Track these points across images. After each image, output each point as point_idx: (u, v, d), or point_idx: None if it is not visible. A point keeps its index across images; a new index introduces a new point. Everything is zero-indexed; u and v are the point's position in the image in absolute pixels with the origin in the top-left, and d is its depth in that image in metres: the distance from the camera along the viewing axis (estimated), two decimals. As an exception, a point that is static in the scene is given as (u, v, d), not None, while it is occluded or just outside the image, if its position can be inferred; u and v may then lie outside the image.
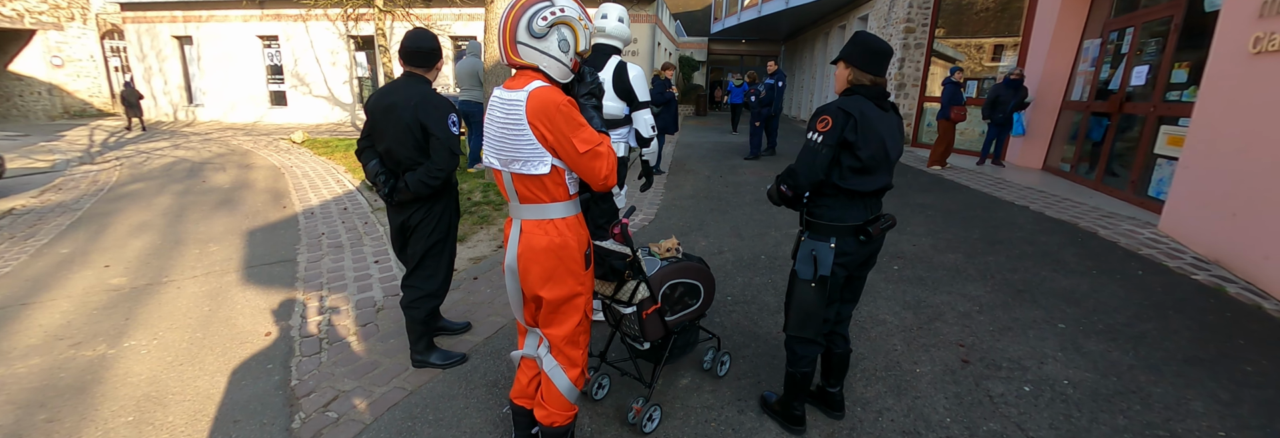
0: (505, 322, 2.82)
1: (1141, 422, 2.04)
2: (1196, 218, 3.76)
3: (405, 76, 2.19)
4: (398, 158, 2.15)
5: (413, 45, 2.13)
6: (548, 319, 1.55)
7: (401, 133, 2.09)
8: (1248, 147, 3.35)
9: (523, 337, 1.68)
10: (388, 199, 2.20)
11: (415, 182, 2.10)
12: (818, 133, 1.64)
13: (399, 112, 2.07)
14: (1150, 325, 2.78)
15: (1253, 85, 3.32)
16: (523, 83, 1.41)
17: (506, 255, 1.53)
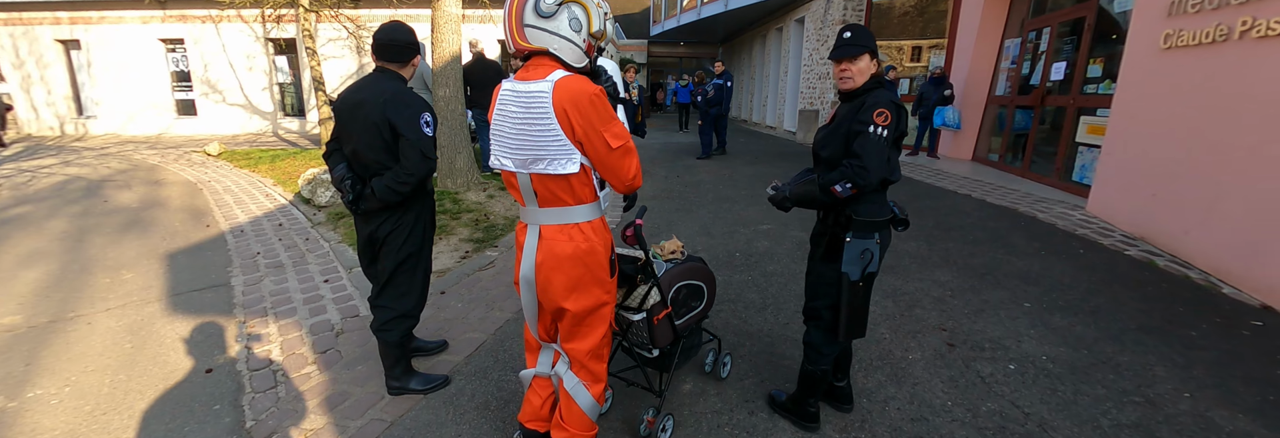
0: (484, 338, 2.63)
1: (1118, 390, 2.16)
2: (1121, 199, 4.10)
3: (376, 72, 1.99)
4: (365, 161, 1.94)
5: (386, 38, 1.94)
6: (571, 333, 1.42)
7: (369, 133, 1.89)
8: (1162, 133, 3.69)
9: (533, 354, 1.54)
10: (353, 207, 1.99)
11: (382, 188, 1.89)
12: (882, 127, 1.57)
13: (367, 109, 1.87)
14: (1101, 300, 2.98)
15: (1164, 78, 3.67)
16: (541, 72, 1.28)
17: (522, 265, 1.39)
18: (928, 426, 1.95)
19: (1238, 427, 1.94)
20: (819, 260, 1.84)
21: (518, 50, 1.32)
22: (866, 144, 1.58)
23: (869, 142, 1.58)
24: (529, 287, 1.39)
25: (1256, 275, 2.95)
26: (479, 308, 2.95)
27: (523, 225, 1.42)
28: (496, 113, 1.33)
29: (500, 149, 1.34)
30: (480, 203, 4.89)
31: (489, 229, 4.27)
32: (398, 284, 2.09)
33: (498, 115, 1.33)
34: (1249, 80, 3.01)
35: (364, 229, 2.06)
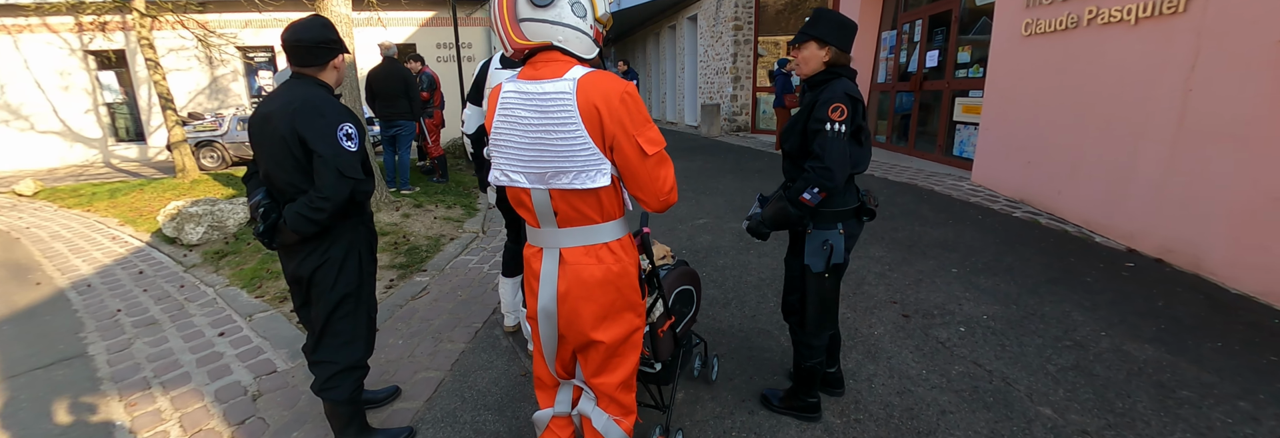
0: (441, 376, 2.35)
1: (1051, 338, 2.43)
2: (1001, 169, 4.66)
3: (291, 80, 1.68)
4: (278, 184, 1.62)
5: (290, 39, 1.62)
6: (602, 366, 1.26)
7: (278, 150, 1.57)
8: (1030, 110, 4.23)
9: (547, 393, 1.37)
10: (265, 241, 1.65)
11: (293, 216, 1.56)
12: (837, 123, 1.55)
13: (275, 122, 1.56)
14: (1011, 259, 3.35)
15: (1027, 61, 4.22)
16: (554, 69, 1.10)
17: (541, 297, 1.21)
18: (913, 396, 2.05)
19: (1148, 356, 2.26)
20: (789, 254, 1.85)
21: (516, 49, 1.14)
22: (825, 144, 1.56)
23: (827, 140, 1.56)
24: (548, 320, 1.22)
25: (1117, 224, 3.47)
26: (425, 342, 2.66)
27: (535, 250, 1.24)
28: (499, 120, 1.13)
29: (508, 163, 1.15)
30: (395, 224, 4.44)
31: (412, 252, 3.89)
32: (337, 332, 1.74)
33: (501, 122, 1.13)
34: (1098, 60, 3.53)
35: (287, 266, 1.72)
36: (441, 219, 4.69)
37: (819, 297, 1.74)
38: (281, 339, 2.77)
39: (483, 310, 2.97)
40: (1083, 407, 1.96)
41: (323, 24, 1.67)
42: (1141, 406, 1.96)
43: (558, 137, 1.09)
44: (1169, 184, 3.08)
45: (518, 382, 2.26)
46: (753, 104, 10.40)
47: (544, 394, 1.39)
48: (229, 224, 4.86)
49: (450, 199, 5.38)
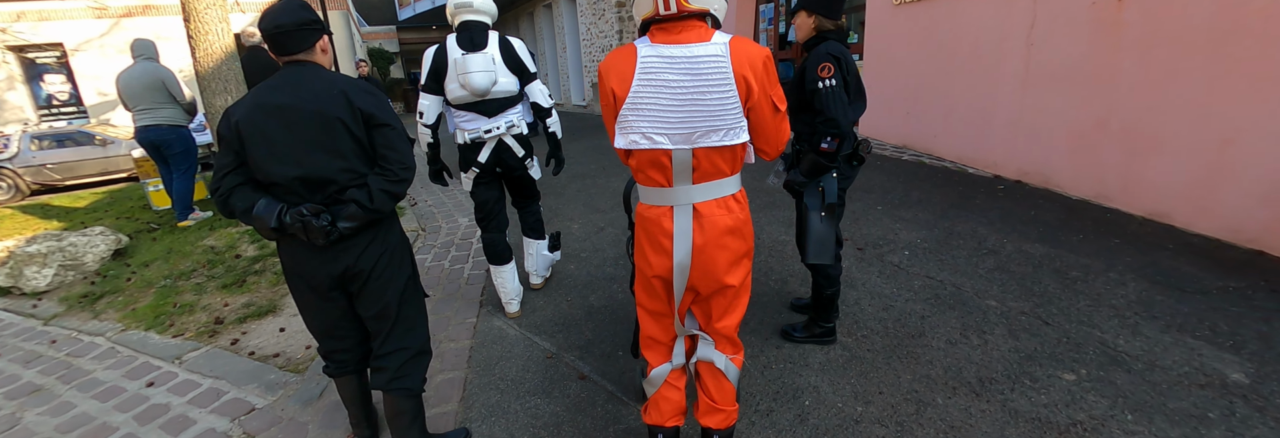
0: (463, 374, 2.27)
1: (971, 249, 3.00)
2: (884, 120, 5.40)
3: (291, 67, 1.54)
4: (317, 178, 1.49)
5: (271, 25, 1.49)
6: (726, 309, 1.38)
7: (330, 137, 1.48)
8: (906, 68, 4.94)
9: (659, 351, 1.45)
10: (325, 238, 1.49)
11: (379, 194, 1.50)
12: (826, 79, 1.78)
13: (316, 108, 1.47)
14: (916, 193, 3.99)
15: (899, 27, 4.89)
16: (698, 35, 1.17)
17: (677, 252, 1.27)
18: (896, 310, 2.46)
19: (1041, 252, 2.90)
20: (797, 199, 2.11)
21: (679, 10, 1.16)
22: (824, 99, 1.81)
23: (824, 96, 1.80)
24: (682, 274, 1.29)
25: (984, 157, 4.27)
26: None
27: (661, 210, 1.28)
28: (642, 84, 1.16)
29: (650, 125, 1.19)
30: None
31: None
32: (405, 317, 1.69)
33: (643, 87, 1.16)
34: (958, 24, 4.24)
35: (333, 267, 1.56)
36: None
37: (815, 232, 2.01)
38: (239, 374, 2.50)
39: (468, 306, 2.88)
40: (1014, 296, 2.51)
41: (299, 4, 1.55)
42: (1051, 287, 2.55)
43: (713, 97, 1.16)
44: (1020, 121, 3.86)
45: (547, 364, 2.28)
46: (642, 80, 10.64)
47: (656, 353, 1.46)
48: (87, 260, 4.08)
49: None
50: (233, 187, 1.52)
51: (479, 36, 2.36)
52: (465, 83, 2.31)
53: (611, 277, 3.03)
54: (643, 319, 1.46)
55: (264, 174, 1.51)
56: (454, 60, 2.32)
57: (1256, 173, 2.67)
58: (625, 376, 2.14)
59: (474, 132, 2.43)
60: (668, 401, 1.46)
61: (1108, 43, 3.18)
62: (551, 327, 2.55)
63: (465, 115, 2.44)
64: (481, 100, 2.39)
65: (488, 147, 2.47)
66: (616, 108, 1.24)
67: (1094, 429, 1.72)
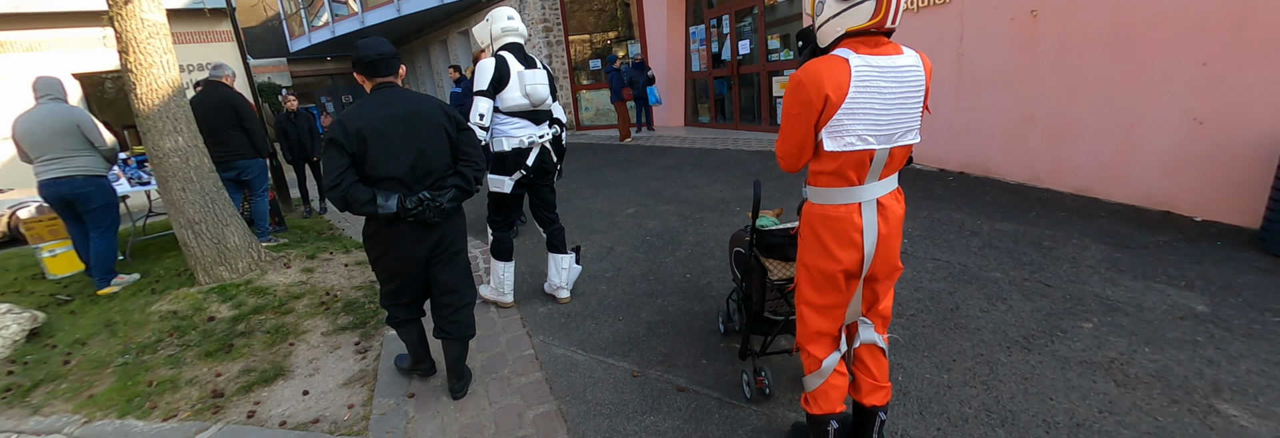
0: (553, 406, 2.28)
1: (955, 232, 3.42)
2: (830, 128, 5.97)
3: (385, 88, 2.03)
4: (429, 168, 2.03)
5: (374, 54, 1.99)
6: (887, 290, 1.53)
7: (437, 138, 2.03)
8: (842, 79, 5.52)
9: (828, 345, 1.56)
10: (435, 217, 2.01)
11: (472, 178, 2.11)
12: None
13: (427, 116, 2.01)
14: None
15: (833, 42, 5.47)
16: (894, 48, 1.32)
17: (866, 244, 1.40)
18: (925, 290, 2.77)
19: (1010, 229, 3.38)
20: None
21: (888, 29, 1.31)
22: None
23: None
24: (868, 264, 1.43)
25: (928, 153, 4.88)
26: (495, 390, 2.34)
27: (848, 208, 1.40)
28: (858, 91, 1.28)
29: (864, 128, 1.31)
30: (303, 282, 3.69)
31: (352, 309, 3.28)
32: (468, 277, 2.27)
33: (860, 93, 1.29)
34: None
35: (427, 242, 2.07)
36: (355, 266, 4.03)
37: None
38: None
39: (518, 339, 2.77)
40: (1010, 267, 2.92)
41: (386, 41, 2.06)
42: (1035, 257, 3.00)
43: (913, 101, 1.34)
44: (958, 120, 4.48)
45: (636, 383, 2.26)
46: (574, 103, 10.80)
47: (822, 345, 1.55)
48: (3, 335, 3.47)
49: (335, 245, 4.60)
50: (352, 183, 1.91)
51: (527, 56, 2.76)
52: (531, 93, 2.69)
53: (650, 292, 3.09)
54: (809, 316, 1.55)
55: (382, 171, 1.94)
56: (518, 73, 2.68)
57: (1157, 149, 3.34)
58: (722, 380, 2.22)
59: (528, 136, 2.76)
60: (836, 388, 1.56)
61: (1027, 52, 3.84)
62: (618, 347, 2.56)
63: (517, 122, 2.76)
64: (534, 110, 2.76)
65: (535, 151, 2.80)
66: (826, 113, 1.32)
67: (1128, 362, 2.07)
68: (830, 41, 1.38)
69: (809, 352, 1.58)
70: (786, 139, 1.42)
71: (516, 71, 2.65)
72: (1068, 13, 3.54)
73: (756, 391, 2.03)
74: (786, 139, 1.42)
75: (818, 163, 1.41)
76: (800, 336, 1.60)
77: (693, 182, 5.38)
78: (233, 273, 3.62)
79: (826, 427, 1.57)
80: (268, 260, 3.83)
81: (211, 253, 3.57)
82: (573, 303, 3.05)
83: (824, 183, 1.42)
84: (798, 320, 1.59)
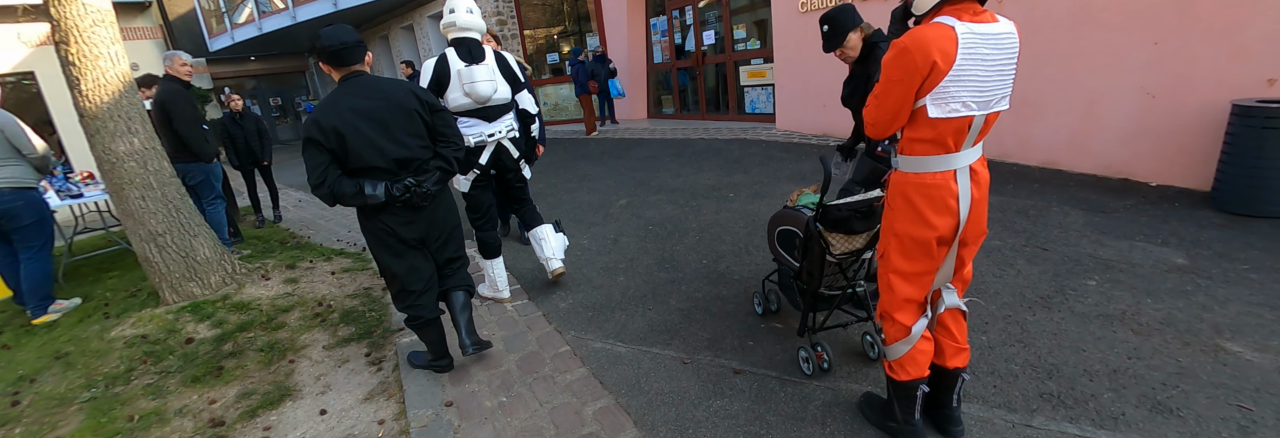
0: (609, 401, 2.24)
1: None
2: (801, 115, 6.15)
3: (355, 76, 2.00)
4: (407, 157, 2.03)
5: (336, 42, 1.93)
6: (971, 254, 1.57)
7: (413, 124, 2.03)
8: (815, 68, 5.69)
9: (913, 309, 1.60)
10: (423, 201, 2.07)
11: (453, 159, 2.14)
12: None
13: (398, 103, 1.99)
14: (818, 175, 4.64)
15: (804, 31, 5.62)
16: (990, 16, 1.34)
17: (961, 209, 1.44)
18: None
19: (994, 200, 3.59)
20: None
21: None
22: None
23: None
24: (961, 228, 1.47)
25: (899, 137, 5.12)
26: (541, 390, 2.23)
27: (945, 175, 1.43)
28: (965, 58, 1.30)
29: (969, 94, 1.34)
30: (291, 294, 3.42)
31: (352, 318, 3.04)
32: (460, 241, 2.35)
33: (966, 61, 1.30)
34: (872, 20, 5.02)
35: (420, 224, 2.13)
36: (342, 273, 3.77)
37: None
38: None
39: (548, 336, 2.66)
40: (1008, 235, 3.11)
41: (350, 28, 2.01)
42: (1025, 225, 3.21)
43: (1010, 68, 1.37)
44: (928, 102, 4.72)
45: (690, 370, 2.23)
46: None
47: (909, 312, 1.59)
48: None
49: (311, 253, 4.29)
50: (336, 178, 1.94)
51: (476, 50, 2.65)
52: (471, 91, 2.58)
53: (672, 280, 3.08)
54: (898, 284, 1.57)
55: (364, 162, 1.96)
56: (457, 71, 2.57)
57: (1115, 123, 3.65)
58: (776, 359, 2.24)
59: (477, 135, 2.67)
60: (924, 353, 1.61)
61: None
62: (657, 336, 2.54)
63: (468, 121, 2.67)
64: (482, 107, 2.65)
65: (488, 149, 2.73)
66: (931, 79, 1.32)
67: (1137, 313, 2.26)
68: (927, 9, 1.39)
69: (896, 319, 1.61)
70: (883, 105, 1.43)
71: (456, 70, 2.54)
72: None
73: (817, 366, 2.06)
74: (883, 105, 1.43)
75: (915, 131, 1.43)
76: (887, 304, 1.62)
77: (677, 171, 5.40)
78: (205, 289, 3.31)
79: (916, 392, 1.62)
80: (243, 273, 3.53)
81: (179, 268, 3.24)
82: (594, 295, 3.00)
83: (921, 151, 1.44)
84: (883, 290, 1.63)
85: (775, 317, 2.54)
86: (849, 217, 1.86)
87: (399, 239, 2.12)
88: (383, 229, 2.09)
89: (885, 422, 1.76)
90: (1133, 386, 1.88)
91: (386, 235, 2.11)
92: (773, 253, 2.33)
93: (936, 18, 1.35)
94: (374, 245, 2.17)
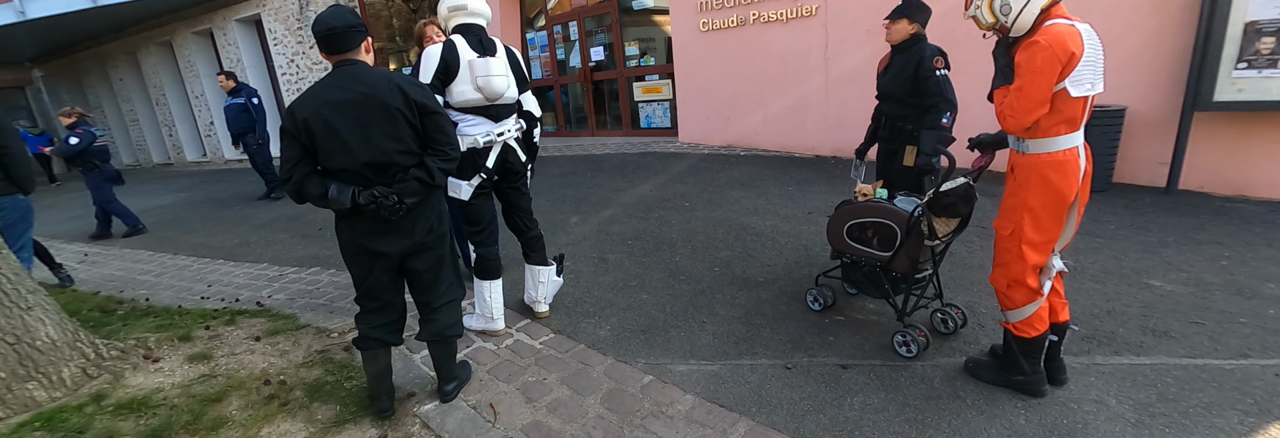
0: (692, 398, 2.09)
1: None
2: (704, 128, 6.52)
3: (344, 66, 1.78)
4: (383, 162, 1.80)
5: (324, 27, 1.73)
6: (1078, 216, 1.82)
7: (392, 125, 1.78)
8: (717, 83, 6.10)
9: (1039, 277, 1.83)
10: (396, 214, 1.80)
11: (438, 171, 1.86)
12: (940, 69, 2.43)
13: (379, 99, 1.74)
14: (785, 178, 5.10)
15: (707, 50, 5.99)
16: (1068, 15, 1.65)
17: (1081, 179, 1.71)
18: (915, 242, 3.33)
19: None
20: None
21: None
22: (939, 84, 2.49)
23: (941, 82, 2.49)
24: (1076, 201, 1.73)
25: (803, 143, 5.76)
26: (687, 430, 1.96)
27: (1073, 151, 1.70)
28: (1089, 48, 1.62)
29: (1093, 75, 1.66)
30: (205, 375, 2.42)
31: (325, 392, 2.29)
32: (447, 276, 2.06)
33: (1091, 50, 1.64)
34: (765, 47, 5.54)
35: (397, 244, 1.90)
36: (269, 337, 2.80)
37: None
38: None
39: (614, 368, 2.37)
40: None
41: (348, 10, 1.81)
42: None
43: (1103, 55, 1.69)
44: (827, 113, 5.41)
45: (798, 374, 2.18)
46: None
47: (1036, 277, 1.82)
48: None
49: (188, 320, 3.18)
50: (304, 175, 1.77)
51: (487, 40, 2.38)
52: (485, 85, 2.31)
53: (699, 291, 2.98)
54: (1029, 253, 1.78)
55: (334, 162, 1.77)
56: (468, 62, 2.29)
57: (979, 127, 4.61)
58: (867, 348, 2.31)
59: (484, 135, 2.40)
60: (1045, 309, 1.85)
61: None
62: (736, 348, 2.41)
63: (472, 119, 2.39)
64: (490, 105, 2.39)
65: (494, 150, 2.45)
66: (1069, 67, 1.61)
67: (1085, 268, 2.88)
68: (1031, 22, 1.66)
69: (1027, 285, 1.83)
70: (1029, 96, 1.63)
71: (466, 61, 2.27)
72: (906, 26, 4.65)
73: (921, 346, 2.20)
74: (1029, 96, 1.63)
75: (1054, 114, 1.67)
76: (1018, 273, 1.82)
77: (609, 185, 5.28)
78: (55, 389, 2.22)
79: (1044, 344, 1.89)
80: (114, 356, 2.44)
81: (5, 361, 2.13)
82: (629, 317, 2.75)
83: (1057, 132, 1.69)
84: (1013, 261, 1.83)
85: (835, 310, 2.64)
86: (956, 202, 2.04)
87: (366, 251, 1.90)
88: (350, 239, 1.91)
89: (1010, 378, 1.97)
90: (1126, 321, 2.38)
91: (351, 245, 1.92)
92: (841, 249, 2.43)
93: (1051, 21, 1.65)
94: (342, 253, 1.97)
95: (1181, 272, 2.80)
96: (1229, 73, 3.42)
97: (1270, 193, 3.63)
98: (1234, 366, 2.06)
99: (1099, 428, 1.79)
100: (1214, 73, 3.46)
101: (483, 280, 2.58)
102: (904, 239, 2.16)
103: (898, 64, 2.69)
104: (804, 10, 5.18)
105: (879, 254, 2.28)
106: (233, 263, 4.37)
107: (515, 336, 2.66)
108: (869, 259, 2.32)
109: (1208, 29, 3.43)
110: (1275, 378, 1.98)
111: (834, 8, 5.04)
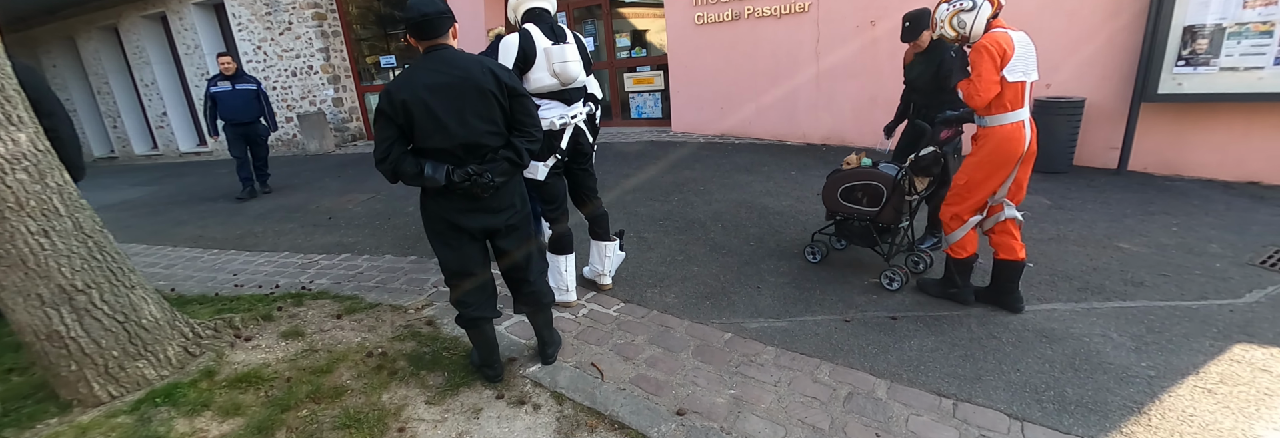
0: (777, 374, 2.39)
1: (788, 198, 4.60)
2: (698, 118, 6.80)
3: (437, 50, 1.86)
4: (475, 143, 1.88)
5: (417, 13, 1.79)
6: (1026, 176, 2.38)
7: (488, 107, 1.87)
8: (711, 75, 6.38)
9: (975, 212, 2.43)
10: (489, 191, 1.91)
11: (525, 151, 1.96)
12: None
13: (474, 84, 1.82)
14: (767, 162, 5.47)
15: (702, 43, 6.25)
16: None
17: (1025, 145, 2.25)
18: (921, 217, 3.75)
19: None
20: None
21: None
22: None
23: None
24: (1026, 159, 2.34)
25: (794, 131, 6.15)
26: (776, 374, 2.29)
27: (1019, 124, 2.26)
28: (1018, 45, 2.20)
29: (1024, 66, 2.22)
30: (306, 350, 2.50)
31: (427, 362, 2.42)
32: (534, 252, 2.18)
33: (1020, 47, 2.21)
34: (759, 41, 5.86)
35: (486, 222, 1.99)
36: (352, 315, 2.85)
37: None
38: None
39: (692, 328, 2.60)
40: (941, 196, 4.16)
41: None
42: (945, 188, 4.33)
43: (1033, 53, 2.27)
44: (818, 103, 5.81)
45: (853, 326, 2.50)
46: (362, 107, 9.16)
47: (971, 212, 2.44)
48: None
49: (244, 305, 3.17)
50: (401, 155, 1.84)
51: (558, 27, 2.50)
52: (562, 71, 2.44)
53: (746, 261, 3.27)
54: (972, 194, 2.39)
55: (431, 142, 1.84)
56: (544, 50, 2.41)
57: (956, 115, 5.12)
58: (907, 303, 2.68)
59: (560, 117, 2.54)
60: (973, 240, 2.50)
61: (868, 50, 5.28)
62: (794, 307, 2.71)
63: (547, 103, 2.53)
64: (564, 89, 2.53)
65: (567, 132, 2.59)
66: (1004, 59, 2.17)
67: (1065, 235, 3.36)
68: (981, 31, 2.27)
69: (963, 217, 2.43)
70: (984, 79, 2.20)
71: (542, 48, 2.40)
72: (896, 21, 5.06)
73: (901, 278, 2.72)
74: (984, 79, 2.20)
75: (1001, 97, 2.22)
76: (959, 208, 2.44)
77: (618, 171, 5.46)
78: (162, 367, 2.25)
79: (973, 264, 2.51)
80: (210, 335, 2.48)
81: (117, 339, 2.14)
82: (689, 286, 3.02)
83: (1003, 109, 2.24)
84: (958, 200, 2.44)
85: (869, 274, 2.99)
86: (929, 164, 2.55)
87: (455, 228, 1.99)
88: (439, 216, 1.98)
89: (947, 290, 2.61)
90: (1110, 275, 2.85)
91: (440, 223, 2.00)
92: (835, 209, 2.91)
93: (992, 29, 2.25)
94: (428, 232, 2.05)
95: (1143, 236, 3.33)
96: (1171, 69, 4.02)
97: (1201, 172, 4.30)
98: (1198, 305, 2.55)
99: (1110, 353, 2.21)
100: (1159, 69, 4.05)
101: (557, 255, 2.76)
102: (890, 195, 2.66)
103: (921, 62, 3.05)
104: (797, 7, 5.54)
105: (868, 210, 2.75)
106: (249, 253, 4.29)
107: (588, 306, 2.87)
108: (860, 215, 2.80)
109: (1154, 31, 4.00)
110: (1230, 313, 2.47)
111: (826, 5, 5.42)
